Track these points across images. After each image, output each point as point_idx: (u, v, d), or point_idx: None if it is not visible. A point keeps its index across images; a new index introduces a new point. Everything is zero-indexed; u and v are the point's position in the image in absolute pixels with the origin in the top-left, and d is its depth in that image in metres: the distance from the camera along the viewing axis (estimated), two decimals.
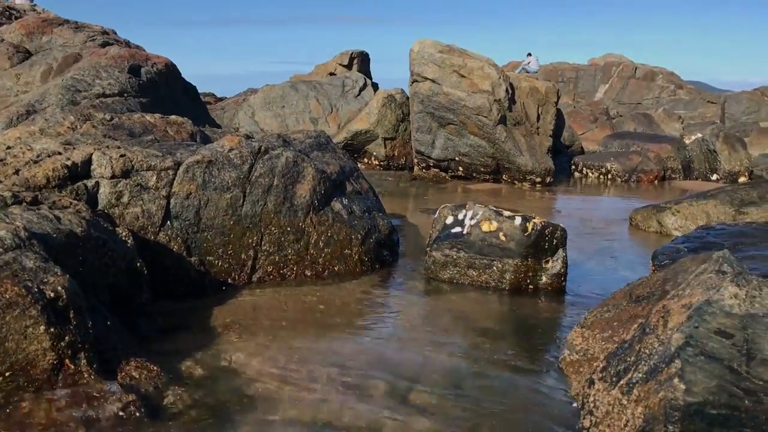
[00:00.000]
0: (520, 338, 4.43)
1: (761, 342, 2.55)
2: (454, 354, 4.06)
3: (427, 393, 3.48)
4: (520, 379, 3.72)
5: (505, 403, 3.39)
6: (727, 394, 2.30)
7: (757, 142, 19.50)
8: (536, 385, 3.62)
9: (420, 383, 3.61)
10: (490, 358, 4.01)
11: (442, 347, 4.17)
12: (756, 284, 2.83)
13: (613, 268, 6.44)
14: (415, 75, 12.58)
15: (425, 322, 4.65)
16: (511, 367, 3.90)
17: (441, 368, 3.84)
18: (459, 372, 3.79)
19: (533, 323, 4.76)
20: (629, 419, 2.46)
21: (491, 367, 3.87)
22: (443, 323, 4.65)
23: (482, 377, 3.73)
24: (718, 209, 8.13)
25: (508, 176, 12.64)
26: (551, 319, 4.90)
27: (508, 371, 3.83)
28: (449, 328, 4.56)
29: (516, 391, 3.55)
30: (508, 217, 5.41)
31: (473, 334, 4.43)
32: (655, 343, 2.71)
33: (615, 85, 42.90)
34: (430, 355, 4.03)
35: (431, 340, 4.29)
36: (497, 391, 3.55)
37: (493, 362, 3.95)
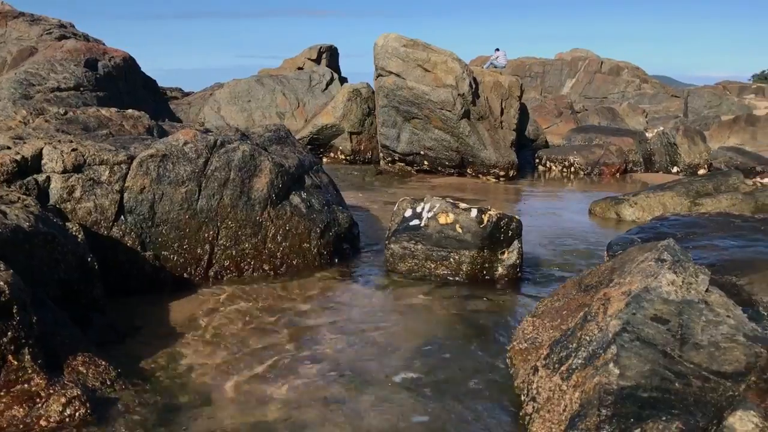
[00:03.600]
0: (474, 329, 4.48)
1: (695, 327, 2.62)
2: (407, 346, 4.09)
3: (377, 386, 3.51)
4: (470, 368, 3.77)
5: (453, 392, 3.43)
6: (659, 377, 2.36)
7: (717, 135, 19.89)
8: (485, 374, 3.68)
9: (372, 376, 3.63)
10: (442, 350, 4.05)
11: (397, 339, 4.20)
12: (692, 271, 2.90)
13: (570, 258, 6.53)
14: (379, 69, 12.59)
15: (381, 315, 4.67)
16: (462, 357, 3.94)
17: (394, 361, 3.86)
18: (411, 364, 3.83)
19: (488, 314, 4.81)
20: (567, 404, 2.51)
21: (443, 359, 3.91)
22: (399, 316, 4.68)
23: (434, 368, 3.77)
24: (674, 200, 8.29)
25: (472, 170, 12.72)
26: (506, 309, 4.95)
27: (459, 362, 3.87)
28: (405, 320, 4.59)
29: (465, 380, 3.60)
30: (464, 209, 5.46)
31: (428, 327, 4.47)
32: (595, 330, 2.77)
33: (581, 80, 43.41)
34: (383, 347, 4.06)
35: (386, 332, 4.32)
36: (447, 381, 3.59)
37: (446, 354, 4.00)
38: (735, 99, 36.79)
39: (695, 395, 2.29)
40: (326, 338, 4.18)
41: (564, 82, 43.51)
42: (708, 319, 2.66)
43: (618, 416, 2.21)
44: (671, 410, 2.21)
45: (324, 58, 30.60)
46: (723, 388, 2.31)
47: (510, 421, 3.04)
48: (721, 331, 2.58)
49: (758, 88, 43.89)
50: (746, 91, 42.97)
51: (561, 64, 44.13)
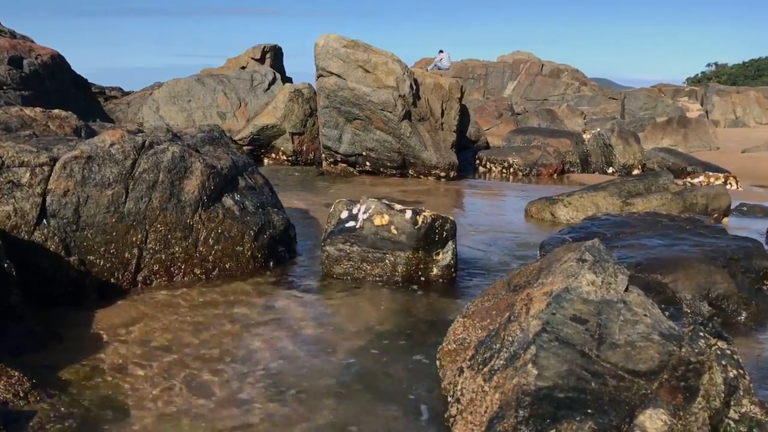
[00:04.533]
0: (407, 331, 4.47)
1: (613, 326, 2.67)
2: (338, 349, 4.06)
3: (304, 391, 3.46)
4: (401, 370, 3.76)
5: (381, 395, 3.41)
6: (576, 377, 2.39)
7: (651, 136, 20.50)
8: (415, 376, 3.67)
9: (300, 381, 3.59)
10: (373, 353, 4.03)
11: (328, 342, 4.16)
12: (612, 271, 2.95)
13: (504, 258, 6.60)
14: (320, 70, 12.52)
15: (314, 318, 4.62)
16: (393, 359, 3.93)
17: (323, 364, 3.82)
18: (341, 367, 3.80)
19: (422, 315, 4.82)
20: (488, 406, 2.52)
21: (374, 362, 3.89)
22: (333, 318, 4.64)
23: (363, 371, 3.74)
24: (606, 201, 8.49)
25: (414, 171, 12.78)
26: (440, 310, 4.97)
27: (389, 364, 3.86)
28: (338, 323, 4.56)
29: (394, 382, 3.59)
30: (399, 210, 5.46)
31: (361, 329, 4.44)
32: (518, 331, 2.79)
33: (523, 82, 44.16)
34: (313, 351, 4.01)
35: (318, 335, 4.28)
36: (376, 384, 3.57)
37: (377, 356, 3.98)
38: (669, 101, 38.05)
39: (610, 394, 2.32)
40: (256, 343, 4.11)
41: (506, 84, 44.20)
42: (626, 318, 2.71)
43: (535, 417, 2.23)
44: (586, 410, 2.24)
45: (268, 58, 30.30)
46: (637, 386, 2.36)
47: (435, 424, 3.05)
48: (638, 330, 2.63)
49: (691, 91, 45.53)
50: (680, 94, 44.52)
51: (503, 66, 44.84)
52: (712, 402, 2.35)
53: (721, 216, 8.91)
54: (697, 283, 4.73)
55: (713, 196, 8.79)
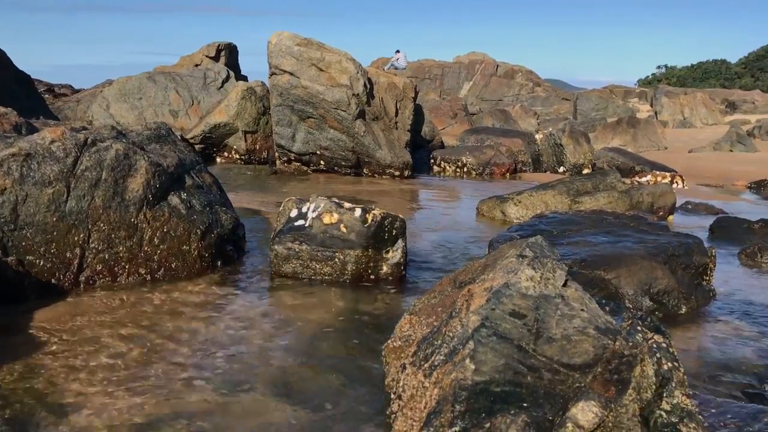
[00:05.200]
0: (355, 329, 4.47)
1: (550, 321, 2.71)
2: (284, 349, 4.03)
3: (245, 392, 3.43)
4: (346, 369, 3.75)
5: (325, 394, 3.40)
6: (512, 371, 2.41)
7: (602, 136, 20.92)
8: (361, 374, 3.67)
9: (242, 382, 3.55)
10: (320, 352, 4.02)
11: (274, 342, 4.13)
12: (550, 267, 3.00)
13: (455, 256, 6.65)
14: (273, 68, 12.42)
15: (260, 317, 4.58)
16: (339, 358, 3.92)
17: (267, 364, 3.79)
18: (286, 367, 3.77)
19: (371, 313, 4.82)
20: (428, 401, 2.53)
21: (320, 361, 3.88)
22: (278, 317, 4.61)
23: (308, 371, 3.72)
24: (555, 199, 8.63)
25: (368, 170, 12.78)
26: (389, 308, 4.98)
27: (336, 363, 3.85)
28: (284, 321, 4.52)
29: (339, 381, 3.58)
30: (349, 209, 5.45)
31: (307, 327, 4.42)
32: (458, 326, 2.81)
33: (478, 82, 44.56)
34: (258, 351, 3.98)
35: (264, 335, 4.24)
36: (320, 383, 3.56)
37: (323, 355, 3.96)
38: (620, 102, 38.89)
39: (545, 388, 2.36)
40: (199, 344, 4.05)
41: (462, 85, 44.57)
42: (563, 313, 2.76)
43: (471, 412, 2.24)
44: (521, 404, 2.27)
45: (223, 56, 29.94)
46: (571, 379, 2.40)
47: (376, 421, 3.05)
48: (574, 324, 2.67)
49: (641, 92, 46.65)
50: (631, 95, 45.59)
51: (459, 67, 45.20)
52: (643, 394, 2.40)
53: (667, 214, 9.15)
54: (638, 279, 4.84)
55: (659, 195, 9.01)
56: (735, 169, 15.93)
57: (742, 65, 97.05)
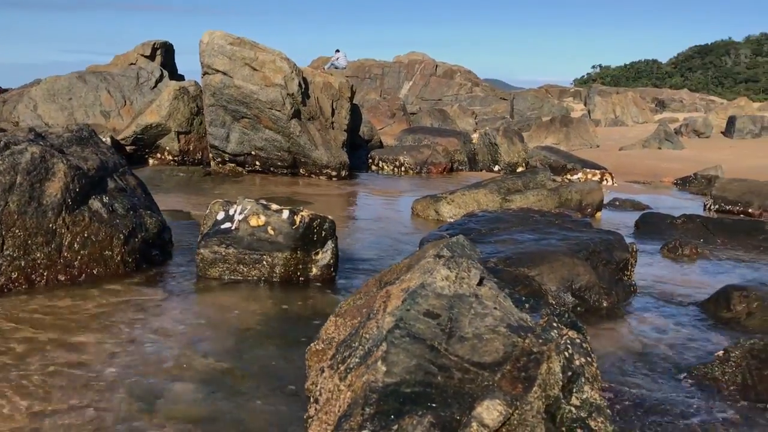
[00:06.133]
0: (282, 332, 4.43)
1: (463, 320, 2.73)
2: (207, 355, 3.96)
3: (163, 399, 3.35)
4: (269, 373, 3.71)
5: (245, 400, 3.36)
6: (423, 372, 2.43)
7: (536, 135, 21.35)
8: (283, 378, 3.64)
9: (161, 390, 3.47)
10: (244, 357, 3.96)
11: (197, 348, 4.05)
12: (466, 266, 3.03)
13: (387, 256, 6.67)
14: (205, 67, 12.22)
15: (184, 322, 4.49)
16: (263, 362, 3.88)
17: (188, 371, 3.72)
18: (208, 373, 3.70)
19: (298, 316, 4.79)
20: (341, 404, 2.52)
21: (243, 366, 3.82)
22: (203, 322, 4.52)
23: (230, 377, 3.67)
24: (487, 198, 8.76)
25: (305, 170, 12.71)
26: (317, 310, 4.95)
27: (258, 368, 3.80)
28: (209, 326, 4.44)
29: (261, 386, 3.54)
30: (276, 210, 5.39)
31: (233, 331, 4.35)
32: (374, 328, 2.81)
33: (418, 82, 44.86)
34: (180, 357, 3.89)
35: (187, 341, 4.15)
36: (242, 389, 3.51)
37: (247, 360, 3.91)
38: (555, 101, 39.78)
39: (455, 387, 2.38)
40: (118, 348, 3.93)
41: (402, 84, 44.80)
42: (476, 311, 2.79)
43: (380, 414, 2.24)
44: (430, 404, 2.28)
45: (159, 55, 29.26)
46: (481, 378, 2.42)
47: (293, 425, 3.03)
48: (486, 323, 2.71)
49: (576, 91, 47.83)
50: (566, 95, 46.67)
51: (399, 66, 45.41)
52: (549, 391, 2.45)
53: (595, 210, 9.40)
54: (561, 276, 4.95)
55: (587, 192, 9.25)
56: (662, 166, 16.49)
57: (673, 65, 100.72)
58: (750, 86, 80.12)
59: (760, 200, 9.97)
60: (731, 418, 3.32)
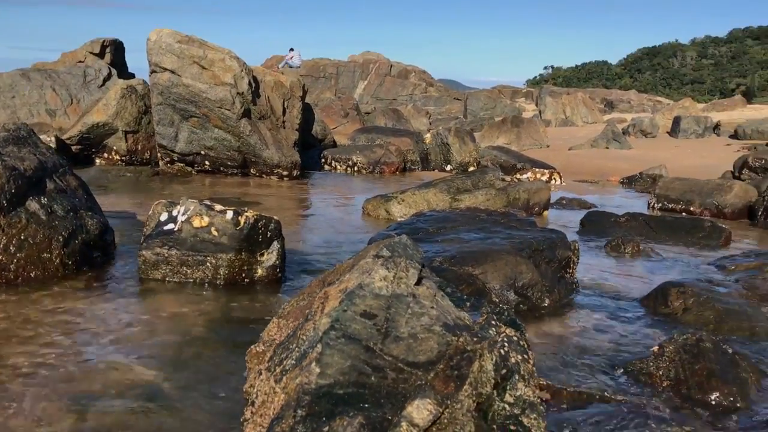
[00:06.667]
0: (224, 334, 4.38)
1: (400, 320, 2.74)
2: (147, 358, 3.89)
3: (101, 402, 3.28)
4: (209, 376, 3.67)
5: (182, 401, 3.31)
6: (357, 373, 2.43)
7: (488, 135, 21.58)
8: (224, 381, 3.60)
9: (99, 393, 3.39)
10: (185, 360, 3.90)
11: (137, 352, 3.97)
12: (404, 266, 3.04)
13: (336, 256, 6.65)
14: (153, 65, 12.01)
15: (123, 327, 4.39)
16: (202, 364, 3.83)
17: (127, 374, 3.64)
18: (147, 377, 3.63)
19: (242, 318, 4.74)
20: (276, 407, 2.50)
21: (184, 369, 3.77)
22: (144, 325, 4.44)
23: (170, 381, 3.61)
24: (437, 197, 8.82)
25: (255, 170, 12.60)
26: (262, 311, 4.90)
27: (199, 371, 3.75)
28: (150, 329, 4.36)
29: (201, 389, 3.49)
30: (220, 211, 5.33)
31: (174, 335, 4.28)
32: (311, 330, 2.80)
33: (373, 82, 44.91)
34: (119, 361, 3.81)
35: (125, 343, 4.07)
36: (178, 391, 3.46)
37: (188, 363, 3.86)
38: (508, 102, 40.31)
39: (388, 387, 2.38)
40: (56, 351, 3.83)
41: (357, 84, 44.78)
42: (413, 311, 2.80)
43: (312, 416, 2.24)
44: (363, 405, 2.28)
45: (108, 53, 28.62)
46: (414, 377, 2.44)
47: (229, 429, 3.00)
48: (422, 322, 2.72)
49: (528, 92, 48.54)
50: (518, 95, 47.32)
51: (354, 66, 45.39)
52: (481, 388, 2.47)
53: (542, 209, 9.55)
54: (504, 274, 5.01)
55: (534, 191, 9.39)
56: (610, 166, 16.85)
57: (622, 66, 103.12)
58: (696, 87, 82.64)
59: (701, 198, 10.27)
60: (664, 412, 3.41)
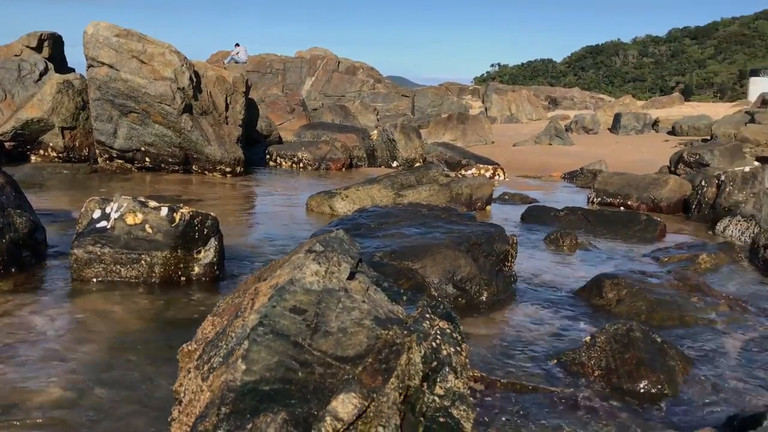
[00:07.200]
0: (158, 334, 4.28)
1: (330, 314, 2.72)
2: (77, 359, 3.77)
3: (25, 409, 3.16)
4: (141, 377, 3.58)
5: (110, 403, 3.22)
6: (284, 368, 2.39)
7: (434, 131, 21.73)
8: (155, 381, 3.52)
9: (25, 398, 3.27)
10: (116, 360, 3.80)
11: (67, 353, 3.84)
12: (336, 261, 3.02)
13: (277, 252, 6.59)
14: (90, 59, 11.68)
15: (54, 329, 4.25)
16: (134, 364, 3.74)
17: (57, 377, 3.53)
18: (76, 379, 3.52)
19: (178, 317, 4.64)
20: (201, 405, 2.45)
21: (113, 370, 3.67)
22: (75, 325, 4.31)
23: (96, 379, 3.51)
24: (381, 193, 8.82)
25: (198, 166, 12.38)
26: (198, 310, 4.81)
27: (129, 369, 3.66)
28: (80, 329, 4.23)
29: (131, 391, 3.40)
30: (154, 208, 5.21)
31: (105, 335, 4.16)
32: (239, 326, 2.75)
33: (320, 78, 44.69)
34: (48, 363, 3.69)
35: (54, 343, 3.94)
36: (111, 394, 3.36)
37: (117, 362, 3.76)
38: (455, 99, 40.68)
39: (315, 383, 2.36)
40: None
41: (304, 80, 44.46)
42: (344, 306, 2.78)
43: (236, 413, 2.20)
44: (289, 400, 2.25)
45: (46, 47, 27.64)
46: (342, 372, 2.42)
47: (156, 430, 2.93)
48: (352, 316, 2.71)
49: (475, 89, 49.10)
50: (465, 92, 47.80)
51: (301, 62, 45.04)
52: (410, 381, 2.48)
53: (485, 204, 9.66)
54: (443, 268, 5.04)
55: (476, 187, 9.49)
56: (552, 161, 17.16)
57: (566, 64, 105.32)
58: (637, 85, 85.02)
59: (638, 193, 10.55)
60: (594, 401, 3.48)
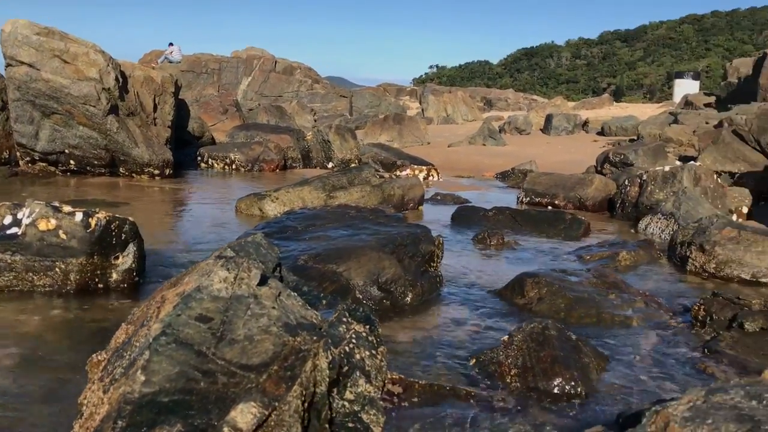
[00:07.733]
0: (69, 343, 4.14)
1: (237, 322, 2.67)
2: None
3: None
4: (46, 387, 3.45)
5: (20, 421, 3.09)
6: (185, 379, 2.34)
7: (371, 132, 21.76)
8: (63, 393, 3.39)
9: None
10: (22, 374, 3.65)
11: None
12: (246, 266, 2.97)
13: (202, 256, 6.43)
14: (8, 59, 11.19)
15: None
16: (40, 376, 3.60)
17: None
18: None
19: (92, 325, 4.50)
20: (99, 419, 2.37)
21: (18, 384, 3.52)
22: None
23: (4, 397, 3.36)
24: (312, 194, 8.77)
25: (125, 169, 12.04)
26: (115, 318, 4.65)
27: (35, 381, 3.52)
28: None
29: (31, 402, 3.27)
30: (68, 213, 5.03)
31: (13, 346, 3.99)
32: (143, 336, 2.67)
33: (257, 78, 44.15)
34: None
35: None
36: (10, 410, 3.22)
37: (22, 373, 3.60)
38: (393, 100, 40.79)
39: (218, 392, 2.31)
40: None
41: (241, 80, 43.82)
42: (253, 312, 2.74)
43: (132, 426, 2.13)
44: (188, 411, 2.20)
45: None
46: (246, 381, 2.38)
47: None
48: (260, 323, 2.67)
49: (412, 90, 49.36)
50: (403, 93, 48.00)
51: (237, 62, 44.35)
52: (316, 387, 2.46)
53: (417, 205, 9.72)
54: (367, 270, 5.04)
55: (408, 187, 9.54)
56: (486, 162, 17.40)
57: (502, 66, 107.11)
58: (571, 87, 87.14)
59: (565, 192, 10.80)
60: (508, 401, 3.54)
